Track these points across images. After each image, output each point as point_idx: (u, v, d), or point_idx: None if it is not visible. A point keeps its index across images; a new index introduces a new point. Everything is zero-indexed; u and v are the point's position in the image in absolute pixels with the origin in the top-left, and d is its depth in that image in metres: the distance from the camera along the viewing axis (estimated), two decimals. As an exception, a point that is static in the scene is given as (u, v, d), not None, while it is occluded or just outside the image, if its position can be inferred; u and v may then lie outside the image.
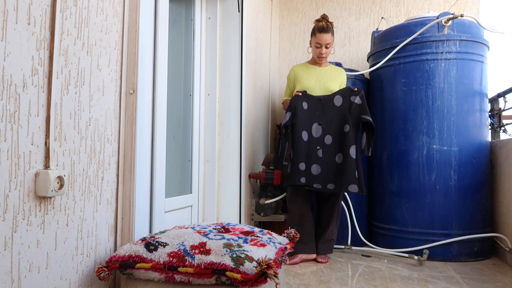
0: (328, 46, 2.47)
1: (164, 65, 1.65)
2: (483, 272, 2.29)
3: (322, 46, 2.47)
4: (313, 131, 2.42)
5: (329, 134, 2.41)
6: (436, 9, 3.44)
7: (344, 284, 2.03)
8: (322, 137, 2.41)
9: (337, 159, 2.38)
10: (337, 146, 2.39)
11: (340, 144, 2.38)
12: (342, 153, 2.36)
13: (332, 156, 2.38)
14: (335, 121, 2.41)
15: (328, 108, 2.44)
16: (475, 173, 2.58)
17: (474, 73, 2.63)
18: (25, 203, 1.00)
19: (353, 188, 2.28)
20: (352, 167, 2.31)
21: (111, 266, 1.20)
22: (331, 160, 2.38)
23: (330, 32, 2.45)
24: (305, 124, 2.43)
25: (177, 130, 2.18)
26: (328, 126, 2.41)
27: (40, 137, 1.05)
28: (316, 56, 2.52)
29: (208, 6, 2.48)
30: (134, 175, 1.39)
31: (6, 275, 0.95)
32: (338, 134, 2.40)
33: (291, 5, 3.85)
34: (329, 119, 2.42)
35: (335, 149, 2.39)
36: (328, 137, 2.40)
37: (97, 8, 1.27)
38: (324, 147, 2.40)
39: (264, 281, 1.10)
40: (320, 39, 2.45)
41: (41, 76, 1.05)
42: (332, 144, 2.40)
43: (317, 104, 2.45)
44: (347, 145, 2.34)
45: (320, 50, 2.48)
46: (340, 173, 2.33)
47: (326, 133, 2.41)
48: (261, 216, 2.72)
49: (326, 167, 2.37)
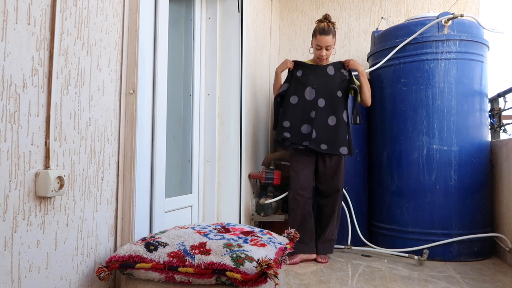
0: (328, 48, 2.44)
1: (164, 65, 1.65)
2: (483, 272, 2.29)
3: (323, 48, 2.43)
4: (306, 94, 2.47)
5: (322, 98, 2.45)
6: (436, 9, 3.44)
7: (344, 284, 2.03)
8: (316, 100, 2.45)
9: (330, 121, 2.43)
10: (330, 109, 2.45)
11: (333, 108, 2.45)
12: (335, 115, 2.44)
13: (325, 118, 2.44)
14: (329, 86, 2.47)
15: (321, 74, 2.49)
16: (475, 173, 2.58)
17: (474, 73, 2.62)
18: (25, 203, 1.00)
19: (344, 150, 2.42)
20: (344, 129, 2.43)
21: (111, 266, 1.20)
22: (324, 122, 2.43)
23: (331, 34, 2.42)
24: (297, 89, 2.49)
25: (177, 130, 2.18)
26: (321, 89, 2.46)
27: (40, 137, 1.05)
28: (317, 57, 2.50)
29: (208, 6, 2.48)
30: (134, 175, 1.39)
31: (6, 275, 0.95)
32: (331, 98, 2.45)
33: (291, 5, 3.85)
34: (322, 84, 2.47)
35: (328, 112, 2.44)
36: (321, 100, 2.45)
37: (97, 8, 1.27)
38: (317, 109, 2.44)
39: (264, 281, 1.10)
40: (320, 41, 2.41)
41: (41, 76, 1.05)
42: (325, 107, 2.45)
43: (311, 70, 2.50)
44: (340, 109, 2.45)
45: (321, 52, 2.44)
46: (332, 135, 2.41)
47: (319, 96, 2.45)
48: (261, 216, 2.72)
49: (319, 128, 2.42)
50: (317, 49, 2.46)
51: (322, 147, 2.40)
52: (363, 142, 2.98)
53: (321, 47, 2.43)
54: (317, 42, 2.44)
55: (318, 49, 2.45)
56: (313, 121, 2.42)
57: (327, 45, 2.42)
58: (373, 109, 2.96)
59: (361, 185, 2.95)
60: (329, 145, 2.40)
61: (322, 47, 2.43)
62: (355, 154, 2.90)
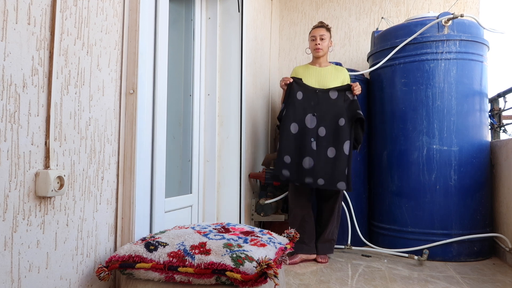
0: (323, 37, 2.54)
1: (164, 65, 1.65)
2: (483, 272, 2.29)
3: (317, 38, 2.55)
4: (307, 122, 2.40)
5: (323, 126, 2.39)
6: (436, 9, 3.44)
7: (344, 284, 2.03)
8: (316, 128, 2.38)
9: (329, 153, 2.35)
10: (331, 139, 2.37)
11: (334, 138, 2.37)
12: (335, 147, 2.35)
13: (325, 149, 2.36)
14: (330, 113, 2.40)
15: (324, 100, 2.43)
16: (475, 173, 2.58)
17: (474, 73, 2.62)
18: (25, 203, 1.00)
19: (342, 186, 2.30)
20: (343, 163, 2.32)
21: (111, 266, 1.20)
22: (324, 154, 2.35)
23: (325, 28, 2.56)
24: (297, 115, 2.41)
25: (177, 130, 2.18)
26: (323, 117, 2.40)
27: (40, 137, 1.05)
28: (313, 49, 2.58)
29: (208, 6, 2.48)
30: (134, 175, 1.39)
31: (6, 275, 0.95)
32: (333, 127, 2.38)
33: (291, 5, 3.85)
34: (324, 111, 2.41)
35: (328, 143, 2.37)
36: (322, 129, 2.38)
37: (97, 8, 1.27)
38: (318, 139, 2.37)
39: (264, 281, 1.10)
40: (314, 32, 2.57)
41: (41, 76, 1.05)
42: (326, 137, 2.37)
43: (312, 95, 2.45)
44: (341, 139, 2.35)
45: (315, 42, 2.55)
46: (331, 169, 2.31)
47: (320, 124, 2.39)
48: (261, 216, 2.72)
49: (319, 161, 2.33)
50: (312, 40, 2.59)
51: (319, 182, 2.30)
52: (363, 142, 2.98)
53: (315, 37, 2.56)
54: (311, 34, 2.59)
55: (313, 39, 2.57)
56: (314, 154, 2.34)
57: (321, 34, 2.54)
58: (373, 109, 2.96)
59: (361, 185, 2.95)
60: (326, 180, 2.30)
61: (316, 37, 2.55)
62: (355, 154, 2.90)
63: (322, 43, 2.54)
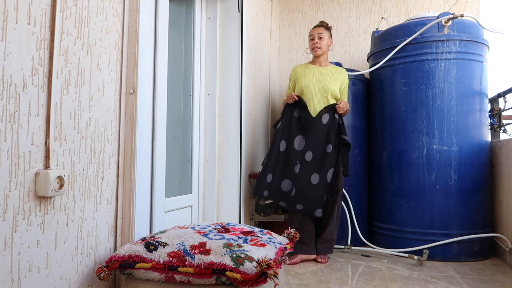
0: (321, 36, 2.55)
1: (164, 65, 1.65)
2: (483, 272, 2.29)
3: (315, 37, 2.56)
4: (295, 143, 2.46)
5: (311, 151, 2.42)
6: (436, 9, 3.44)
7: (344, 284, 2.03)
8: (303, 152, 2.43)
9: (313, 180, 2.38)
10: (317, 165, 2.40)
11: (319, 164, 2.40)
12: (319, 174, 2.39)
13: (308, 174, 2.39)
14: (319, 138, 2.44)
15: (315, 125, 2.46)
16: (475, 173, 2.57)
17: (474, 73, 2.62)
18: (25, 203, 1.00)
19: (319, 213, 2.36)
20: (324, 191, 2.37)
21: (111, 266, 1.20)
22: (307, 179, 2.39)
23: (323, 27, 2.58)
24: (288, 133, 2.48)
25: (177, 130, 2.18)
26: (312, 142, 2.44)
27: (40, 137, 1.05)
28: (311, 48, 2.60)
29: (208, 6, 2.48)
30: (134, 175, 1.39)
31: (6, 275, 0.95)
32: (320, 153, 2.42)
33: (291, 5, 3.85)
34: (313, 135, 2.44)
35: (313, 168, 2.40)
36: (309, 154, 2.42)
37: (97, 8, 1.27)
38: (302, 163, 2.41)
39: (264, 281, 1.10)
40: (313, 31, 2.59)
41: (41, 76, 1.05)
42: (312, 162, 2.41)
43: (307, 117, 2.49)
44: (326, 167, 2.40)
45: (314, 41, 2.57)
46: (312, 195, 2.36)
47: (308, 148, 2.43)
48: (261, 216, 2.71)
49: (300, 186, 2.37)
50: (310, 39, 2.60)
51: (298, 207, 2.36)
52: (363, 142, 2.98)
53: (314, 36, 2.57)
54: (310, 33, 2.61)
55: (312, 39, 2.59)
56: (295, 178, 2.40)
57: (319, 33, 2.56)
58: (373, 109, 2.97)
59: (361, 185, 2.95)
60: (306, 205, 2.35)
61: (314, 36, 2.57)
62: (355, 154, 2.90)
63: (321, 42, 2.55)
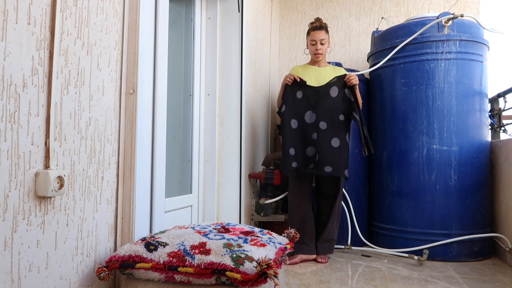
0: (323, 42, 2.51)
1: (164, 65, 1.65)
2: (483, 272, 2.29)
3: (317, 42, 2.52)
4: (306, 117, 2.45)
5: (324, 121, 2.41)
6: (436, 9, 3.44)
7: (344, 284, 2.03)
8: (317, 123, 2.41)
9: (333, 143, 2.38)
10: (333, 131, 2.40)
11: (336, 130, 2.40)
12: (338, 138, 2.39)
13: (328, 139, 2.39)
14: (330, 110, 2.42)
15: (324, 98, 2.44)
16: (475, 173, 2.58)
17: (474, 73, 2.62)
18: (25, 203, 1.00)
19: (347, 173, 2.37)
20: (347, 152, 2.38)
21: (111, 266, 1.20)
22: (327, 144, 2.38)
23: (324, 30, 2.52)
24: (296, 113, 2.46)
25: (177, 130, 2.18)
26: (323, 114, 2.42)
27: (40, 137, 1.05)
28: (313, 53, 2.56)
29: (208, 6, 2.48)
30: (134, 175, 1.39)
31: (6, 275, 0.95)
32: (334, 121, 2.41)
33: (291, 5, 3.85)
34: (323, 108, 2.42)
35: (332, 134, 2.40)
36: (322, 123, 2.41)
37: (97, 8, 1.27)
38: (319, 131, 2.40)
39: (264, 281, 1.10)
40: (314, 36, 2.52)
41: (41, 76, 1.05)
42: (328, 129, 2.40)
43: (312, 93, 2.46)
44: (343, 131, 2.40)
45: (316, 47, 2.52)
46: (337, 157, 2.36)
47: (320, 119, 2.41)
48: (261, 216, 2.72)
49: (322, 150, 2.37)
50: (312, 44, 2.54)
51: (326, 169, 2.34)
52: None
53: (315, 42, 2.52)
54: (311, 37, 2.54)
55: (313, 44, 2.54)
56: (316, 143, 2.39)
57: (321, 39, 2.51)
58: (373, 109, 2.97)
59: (361, 185, 2.95)
60: (334, 167, 2.34)
61: (316, 42, 2.52)
62: (355, 154, 2.90)
63: (323, 47, 2.52)
